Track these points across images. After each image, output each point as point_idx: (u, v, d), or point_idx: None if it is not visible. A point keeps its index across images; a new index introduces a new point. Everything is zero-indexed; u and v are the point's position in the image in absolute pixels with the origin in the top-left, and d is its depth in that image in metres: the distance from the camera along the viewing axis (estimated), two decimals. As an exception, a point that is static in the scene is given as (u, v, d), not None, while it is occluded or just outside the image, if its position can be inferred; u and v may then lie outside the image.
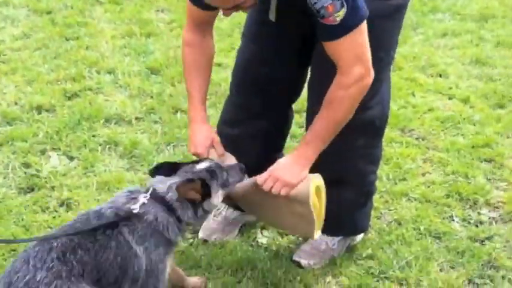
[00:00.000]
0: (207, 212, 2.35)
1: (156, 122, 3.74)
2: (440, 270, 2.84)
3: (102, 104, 3.88)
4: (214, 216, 2.97)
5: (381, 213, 3.16)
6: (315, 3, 2.20)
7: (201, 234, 2.93)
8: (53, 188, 3.20)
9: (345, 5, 2.19)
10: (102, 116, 3.74)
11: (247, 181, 2.47)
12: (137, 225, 2.18)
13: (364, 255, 2.90)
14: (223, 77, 4.16)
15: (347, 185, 2.74)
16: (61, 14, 4.97)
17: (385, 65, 2.63)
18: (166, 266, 2.28)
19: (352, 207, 2.82)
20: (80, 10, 5.05)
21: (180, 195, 2.23)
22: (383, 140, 2.88)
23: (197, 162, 2.39)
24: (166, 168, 2.35)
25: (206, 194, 2.28)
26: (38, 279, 1.95)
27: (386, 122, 2.79)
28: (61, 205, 3.10)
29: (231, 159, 2.56)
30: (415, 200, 3.25)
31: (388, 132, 3.73)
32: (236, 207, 2.98)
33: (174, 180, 2.27)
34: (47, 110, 3.79)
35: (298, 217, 2.46)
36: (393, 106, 3.99)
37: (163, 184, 2.27)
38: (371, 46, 2.44)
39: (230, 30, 4.76)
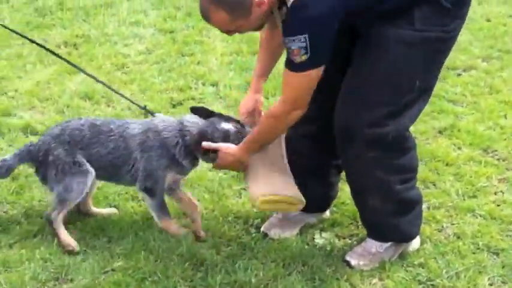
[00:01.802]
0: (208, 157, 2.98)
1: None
2: (491, 284, 2.87)
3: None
4: (276, 212, 3.23)
5: (443, 227, 3.23)
6: (287, 42, 2.53)
7: (262, 228, 3.19)
8: (145, 180, 3.61)
9: (308, 54, 2.49)
10: (199, 122, 4.13)
11: None
12: (149, 136, 2.97)
13: (415, 262, 2.98)
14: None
15: (370, 194, 2.87)
16: (182, 33, 5.49)
17: (407, 91, 2.69)
18: (166, 175, 3.00)
19: (385, 214, 2.90)
20: (199, 30, 5.54)
21: (196, 150, 2.94)
22: (462, 159, 3.19)
23: (227, 119, 2.99)
24: (203, 112, 3.03)
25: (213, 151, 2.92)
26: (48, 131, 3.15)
27: (405, 137, 2.81)
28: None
29: None
30: (480, 216, 3.28)
31: (469, 151, 3.81)
32: None
33: (201, 124, 2.97)
34: (153, 115, 4.26)
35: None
36: (480, 127, 4.05)
37: (192, 122, 2.98)
38: (392, 71, 2.65)
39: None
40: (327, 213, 3.32)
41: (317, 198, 3.16)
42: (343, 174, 3.15)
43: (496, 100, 4.36)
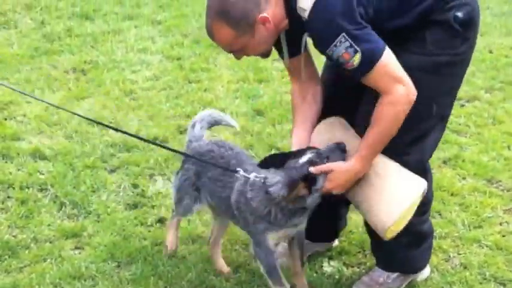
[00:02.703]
0: (314, 198, 2.67)
1: (252, 157, 4.10)
2: (498, 314, 2.90)
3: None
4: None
5: (449, 256, 3.26)
6: (332, 53, 2.48)
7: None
8: (153, 206, 3.64)
9: (359, 51, 2.44)
10: (206, 149, 4.17)
11: None
12: (241, 201, 2.78)
13: (422, 292, 3.02)
14: (321, 121, 4.47)
15: None
16: (189, 61, 5.55)
17: (426, 117, 2.72)
18: (267, 239, 2.77)
19: (398, 245, 2.89)
20: (205, 57, 5.61)
21: (291, 200, 2.63)
22: (467, 189, 3.17)
23: (300, 153, 2.69)
24: (275, 160, 2.75)
25: (311, 184, 2.62)
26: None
27: (424, 170, 2.84)
28: (157, 221, 3.52)
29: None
30: (487, 246, 3.32)
31: (473, 182, 3.85)
32: (306, 236, 3.23)
33: (281, 175, 2.65)
34: (161, 141, 4.30)
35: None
36: (484, 157, 4.10)
37: (273, 177, 2.67)
38: None
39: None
40: (336, 242, 3.35)
41: (326, 228, 3.19)
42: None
43: (499, 131, 4.43)
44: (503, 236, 3.40)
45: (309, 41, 2.69)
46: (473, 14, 2.66)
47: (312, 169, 2.62)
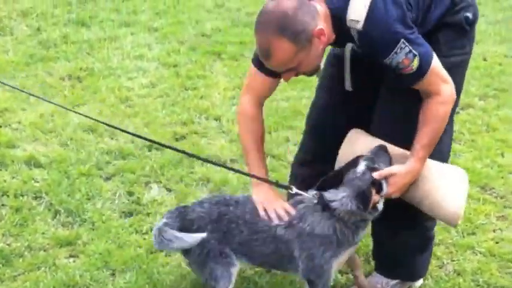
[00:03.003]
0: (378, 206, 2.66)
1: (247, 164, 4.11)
2: (491, 321, 2.91)
3: (204, 146, 4.34)
4: None
5: (443, 263, 3.28)
6: (391, 61, 2.49)
7: None
8: (148, 214, 3.65)
9: (417, 55, 2.47)
10: (201, 155, 4.18)
11: None
12: (304, 238, 2.67)
13: (417, 299, 3.03)
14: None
15: (401, 227, 2.90)
16: (185, 68, 5.56)
17: None
18: (332, 267, 2.71)
19: (408, 250, 2.94)
20: (202, 64, 5.62)
21: (367, 207, 2.59)
22: None
23: (353, 165, 2.66)
24: (333, 181, 2.69)
25: (380, 189, 2.61)
26: (204, 205, 2.86)
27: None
28: (152, 229, 3.52)
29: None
30: (480, 253, 3.33)
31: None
32: None
33: (345, 191, 2.62)
34: (156, 149, 4.30)
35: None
36: (477, 164, 4.11)
37: (337, 199, 2.62)
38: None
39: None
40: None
41: None
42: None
43: (493, 138, 4.45)
44: (497, 242, 3.41)
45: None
46: (477, 14, 2.74)
47: (375, 175, 2.60)
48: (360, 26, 2.47)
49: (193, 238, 2.71)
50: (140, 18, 6.55)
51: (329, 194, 2.64)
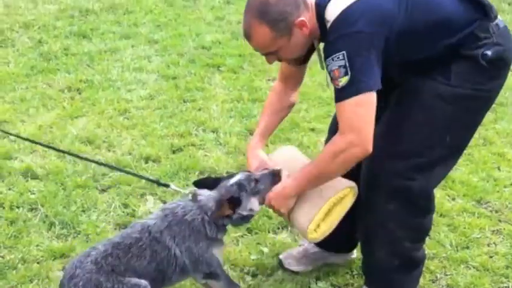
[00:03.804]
0: (246, 216, 2.82)
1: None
2: (484, 336, 2.90)
3: (201, 158, 4.35)
4: (299, 245, 3.34)
5: (436, 277, 3.27)
6: (328, 65, 2.53)
7: (280, 256, 3.32)
8: (143, 226, 3.66)
9: (349, 74, 2.46)
10: (198, 168, 4.20)
11: None
12: (176, 228, 2.72)
13: (409, 313, 3.02)
14: (313, 141, 4.50)
15: (378, 245, 2.88)
16: (184, 80, 5.58)
17: (437, 145, 2.71)
18: (213, 254, 2.81)
19: (388, 268, 2.91)
20: (201, 77, 5.64)
21: (218, 217, 2.77)
22: (456, 210, 3.30)
23: (232, 176, 2.85)
24: (208, 182, 2.90)
25: (236, 205, 2.77)
26: (76, 274, 2.61)
27: (428, 198, 2.82)
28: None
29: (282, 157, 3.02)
30: (473, 267, 3.32)
31: (463, 203, 3.86)
32: (317, 244, 3.27)
33: (214, 193, 2.81)
34: (153, 161, 4.32)
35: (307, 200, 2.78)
36: (473, 178, 4.11)
37: (205, 196, 2.81)
38: (424, 122, 2.68)
39: (330, 99, 5.09)
40: (354, 254, 3.35)
41: (342, 239, 3.18)
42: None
43: (489, 152, 4.44)
44: (491, 256, 3.41)
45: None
46: (504, 54, 2.65)
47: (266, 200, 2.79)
48: (328, 25, 2.56)
49: None
50: (141, 30, 6.59)
51: (201, 191, 2.85)
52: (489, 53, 2.59)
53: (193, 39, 6.41)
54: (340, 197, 2.76)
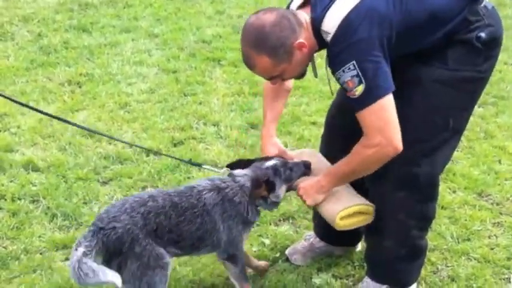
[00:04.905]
0: (275, 202, 2.91)
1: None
2: (485, 327, 2.91)
3: (202, 151, 4.35)
4: (304, 240, 3.35)
5: (437, 269, 3.28)
6: (339, 78, 2.54)
7: (286, 252, 3.34)
8: (144, 218, 3.66)
9: (363, 82, 2.48)
10: (199, 161, 4.18)
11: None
12: (227, 206, 2.81)
13: (411, 304, 3.03)
14: (314, 134, 4.50)
15: (387, 234, 2.90)
16: (185, 74, 5.58)
17: (441, 129, 2.76)
18: (243, 239, 2.93)
19: (394, 257, 2.94)
20: (202, 71, 5.64)
21: (254, 197, 2.85)
22: (457, 202, 3.33)
23: (267, 159, 2.93)
24: (241, 164, 2.98)
25: (271, 189, 2.84)
26: (121, 218, 2.66)
27: (433, 184, 2.87)
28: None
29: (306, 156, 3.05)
30: (474, 259, 3.33)
31: (464, 195, 3.87)
32: (323, 238, 3.30)
33: (249, 172, 2.89)
34: (154, 153, 4.33)
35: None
36: (474, 171, 4.12)
37: (243, 176, 2.88)
38: (427, 108, 2.71)
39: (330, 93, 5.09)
40: (358, 247, 3.37)
41: (348, 232, 3.17)
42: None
43: (490, 145, 4.45)
44: (492, 248, 3.41)
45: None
46: (496, 34, 2.71)
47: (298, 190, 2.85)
48: (329, 38, 2.56)
49: (110, 277, 2.51)
50: (141, 24, 6.58)
51: (236, 172, 2.92)
52: (483, 34, 2.64)
53: (194, 33, 6.40)
54: (369, 209, 2.84)
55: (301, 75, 2.78)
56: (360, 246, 3.37)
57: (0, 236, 3.42)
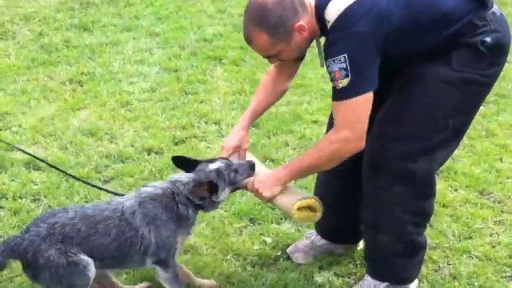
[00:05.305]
0: (214, 203, 2.89)
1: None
2: (486, 324, 2.91)
3: (203, 150, 4.35)
4: (305, 238, 3.36)
5: (439, 267, 3.28)
6: (328, 66, 2.58)
7: (287, 250, 3.34)
8: (145, 217, 3.66)
9: (349, 76, 2.51)
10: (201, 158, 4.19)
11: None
12: (148, 206, 2.77)
13: (412, 302, 3.03)
14: (315, 133, 4.50)
15: (382, 229, 2.90)
16: (186, 73, 5.57)
17: (441, 128, 2.76)
18: (177, 241, 2.84)
19: (391, 253, 2.94)
20: (203, 69, 5.63)
21: (195, 195, 2.81)
22: (458, 200, 3.35)
23: (212, 161, 2.92)
24: (187, 162, 2.94)
25: (213, 191, 2.82)
26: (30, 229, 2.72)
27: (430, 182, 2.87)
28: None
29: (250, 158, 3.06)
30: (476, 257, 3.34)
31: (465, 193, 3.87)
32: (324, 236, 3.30)
33: (191, 177, 2.86)
34: (155, 153, 4.32)
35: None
36: (476, 169, 4.12)
37: (183, 177, 2.86)
38: (428, 106, 2.72)
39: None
40: (360, 245, 3.36)
41: (349, 230, 3.22)
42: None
43: (492, 143, 4.45)
44: (493, 246, 3.41)
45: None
46: (503, 40, 2.72)
47: (248, 183, 2.86)
48: (329, 25, 2.60)
49: None
50: (142, 23, 6.58)
51: (178, 176, 2.90)
52: (488, 39, 2.65)
53: (195, 31, 6.40)
54: (319, 206, 2.89)
55: (299, 59, 2.83)
56: (362, 245, 3.37)
57: (2, 235, 3.42)
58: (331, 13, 2.58)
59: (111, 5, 6.98)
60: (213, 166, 2.86)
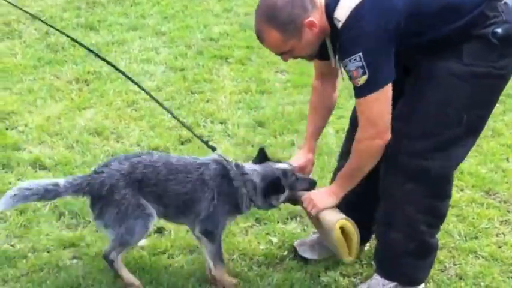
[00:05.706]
0: (271, 203, 3.06)
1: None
2: (493, 325, 2.90)
3: (209, 149, 4.34)
4: (313, 233, 3.38)
5: (445, 267, 3.27)
6: (345, 66, 2.63)
7: (295, 243, 3.36)
8: (152, 216, 3.66)
9: (367, 74, 2.57)
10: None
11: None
12: (224, 183, 2.96)
13: (419, 302, 3.02)
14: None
15: (395, 228, 2.90)
16: (192, 72, 5.57)
17: (454, 124, 2.75)
18: (225, 222, 3.05)
19: (402, 251, 2.93)
20: (209, 68, 5.63)
21: (271, 192, 3.00)
22: (465, 200, 3.39)
23: (278, 161, 3.13)
24: (260, 156, 3.14)
25: (276, 191, 2.99)
26: (110, 164, 2.95)
27: (445, 181, 2.87)
28: (156, 231, 3.52)
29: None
30: (482, 257, 3.33)
31: (471, 193, 3.86)
32: None
33: (259, 169, 3.04)
34: (161, 151, 4.32)
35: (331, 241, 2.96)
36: (482, 169, 4.11)
37: (251, 170, 3.03)
38: (439, 101, 2.72)
39: (340, 91, 5.07)
40: (366, 246, 3.36)
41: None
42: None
43: (498, 143, 4.43)
44: (499, 247, 3.41)
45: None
46: None
47: (303, 197, 2.99)
48: (339, 25, 2.63)
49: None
50: (148, 22, 6.58)
51: (247, 165, 3.07)
52: (499, 30, 2.65)
53: (201, 30, 6.40)
54: (355, 236, 2.96)
55: (311, 57, 2.86)
56: (368, 245, 3.37)
57: (8, 235, 3.44)
58: (341, 13, 2.62)
59: (118, 4, 6.99)
60: (280, 165, 3.04)
